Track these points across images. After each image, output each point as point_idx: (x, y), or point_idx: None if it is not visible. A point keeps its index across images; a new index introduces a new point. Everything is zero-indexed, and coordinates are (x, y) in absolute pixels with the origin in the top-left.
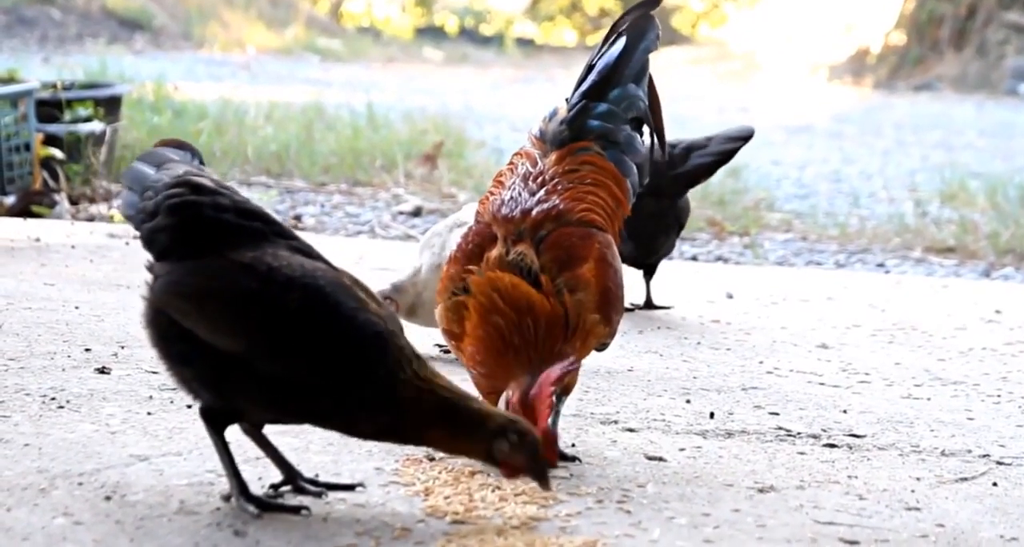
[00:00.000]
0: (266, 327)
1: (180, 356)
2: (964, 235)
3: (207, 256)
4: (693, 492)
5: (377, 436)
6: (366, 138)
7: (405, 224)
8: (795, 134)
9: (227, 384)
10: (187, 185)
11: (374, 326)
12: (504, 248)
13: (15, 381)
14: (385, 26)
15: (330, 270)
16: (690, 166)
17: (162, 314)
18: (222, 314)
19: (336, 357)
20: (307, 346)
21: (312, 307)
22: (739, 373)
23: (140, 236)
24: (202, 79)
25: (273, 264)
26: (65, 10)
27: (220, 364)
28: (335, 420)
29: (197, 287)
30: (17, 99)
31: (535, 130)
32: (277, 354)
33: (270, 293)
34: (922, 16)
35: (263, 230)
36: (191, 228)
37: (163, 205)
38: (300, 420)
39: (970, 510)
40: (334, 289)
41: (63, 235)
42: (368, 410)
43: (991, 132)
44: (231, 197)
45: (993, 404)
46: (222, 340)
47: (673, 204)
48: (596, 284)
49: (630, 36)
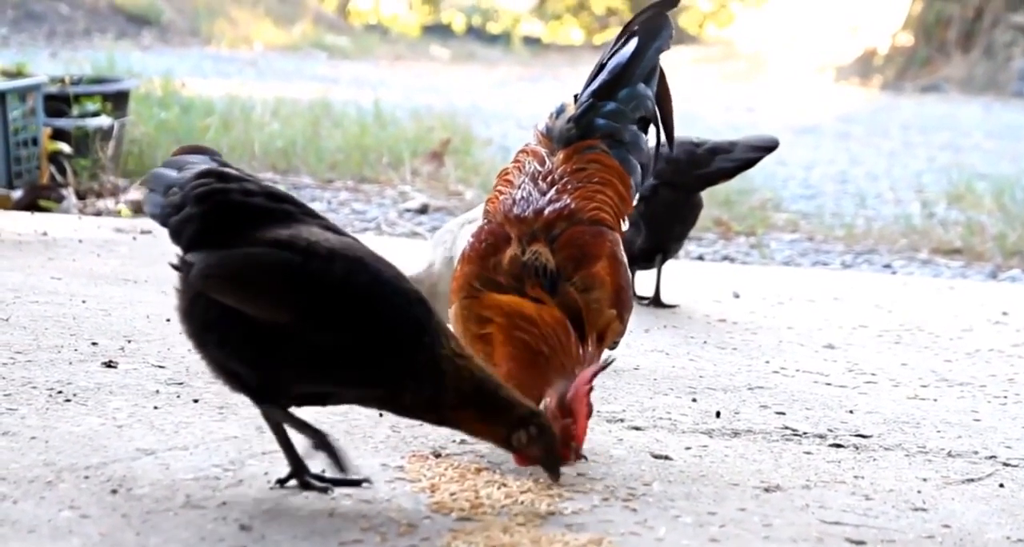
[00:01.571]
0: (313, 297)
1: (221, 340)
2: (971, 236)
3: (241, 240)
4: (699, 491)
5: (414, 409)
6: (373, 135)
7: (411, 221)
8: (802, 135)
9: (273, 360)
10: (213, 174)
11: (416, 294)
12: (519, 248)
13: (22, 374)
14: (392, 24)
15: (363, 245)
16: (713, 168)
17: (201, 299)
18: (268, 288)
19: (383, 323)
20: (354, 314)
21: (356, 276)
22: (745, 372)
23: (168, 230)
24: (209, 75)
25: (311, 238)
26: (73, 5)
27: (265, 341)
28: (381, 390)
29: (239, 264)
30: (25, 93)
31: (541, 126)
32: (325, 324)
33: (314, 264)
34: (929, 17)
35: (293, 211)
36: (221, 214)
37: (190, 195)
38: (344, 391)
39: (976, 511)
40: (373, 260)
41: (70, 229)
42: (414, 379)
43: (998, 134)
44: (257, 183)
45: (1000, 405)
46: (269, 313)
47: (688, 199)
48: (611, 281)
49: (643, 35)
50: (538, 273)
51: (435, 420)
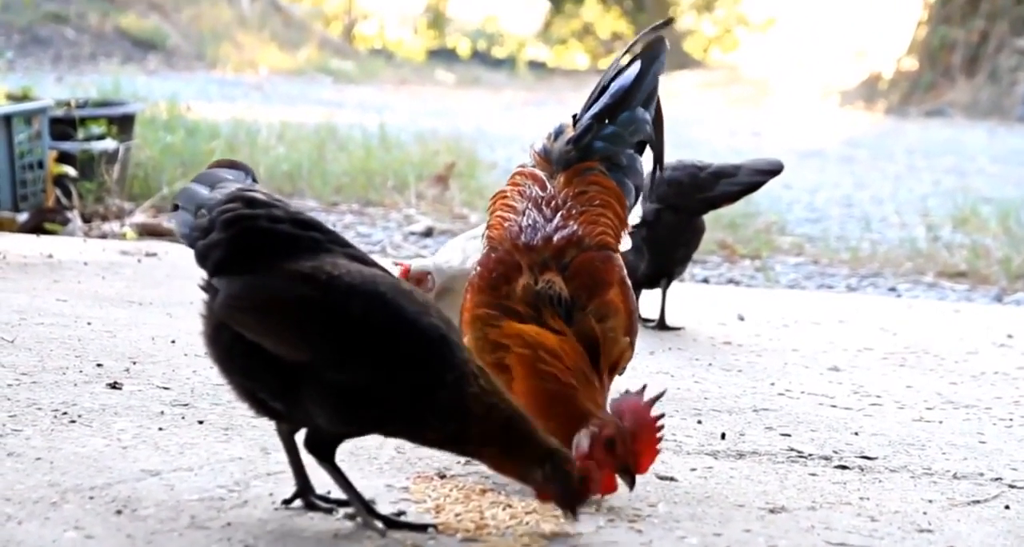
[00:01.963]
0: (331, 335)
1: (245, 370)
2: (976, 260)
3: (265, 268)
4: (704, 512)
5: (442, 445)
6: (378, 159)
7: (416, 244)
8: (807, 158)
9: (295, 395)
10: (241, 199)
11: (437, 330)
12: (532, 277)
13: (27, 395)
14: (398, 48)
15: (388, 276)
16: (717, 192)
17: (225, 329)
18: (286, 325)
19: (402, 362)
20: (372, 353)
21: (375, 313)
22: (750, 394)
23: (194, 253)
24: (215, 99)
25: (333, 272)
26: (79, 30)
27: (287, 376)
28: (403, 427)
29: (259, 299)
30: (31, 117)
31: (539, 146)
32: (343, 362)
33: (333, 301)
34: (934, 42)
35: (319, 239)
36: (247, 240)
37: (218, 220)
38: (369, 428)
39: (982, 533)
40: (395, 295)
41: (76, 252)
42: (437, 417)
43: (1003, 158)
44: (285, 209)
45: (1005, 428)
46: (287, 351)
47: (691, 222)
48: (624, 309)
49: (645, 60)
50: (552, 302)
51: (459, 453)
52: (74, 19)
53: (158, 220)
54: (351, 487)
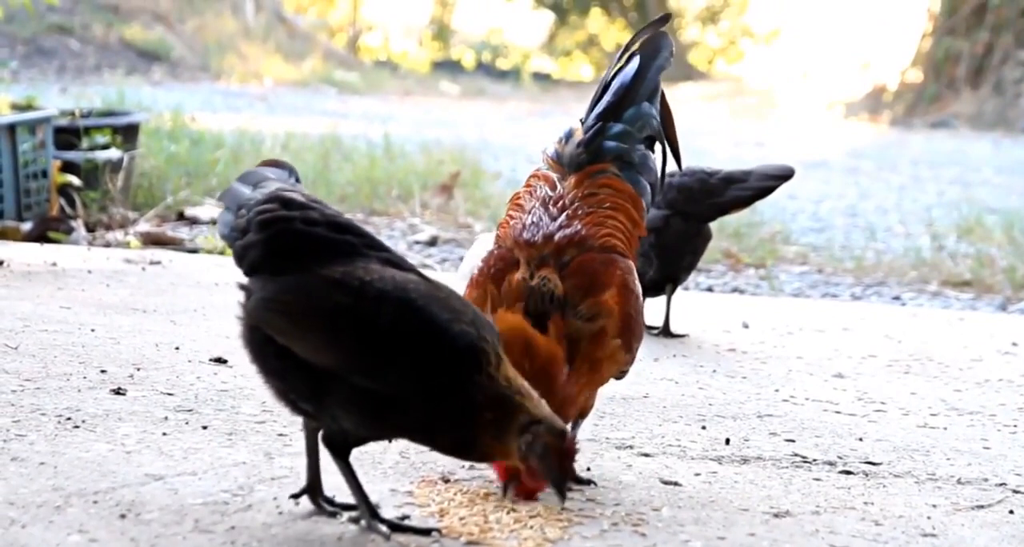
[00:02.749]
0: (358, 343)
1: (278, 371)
2: (981, 269)
3: (298, 271)
4: (708, 516)
5: (457, 451)
6: (382, 168)
7: (421, 253)
8: (811, 169)
9: (324, 398)
10: (278, 200)
11: (467, 338)
12: (527, 272)
13: (31, 401)
14: (402, 60)
15: (423, 282)
16: (727, 197)
17: (257, 330)
18: (315, 331)
19: (429, 371)
20: (399, 361)
21: (404, 321)
22: (755, 401)
23: (233, 253)
24: (219, 110)
25: (365, 278)
26: (84, 41)
27: (317, 379)
28: (429, 435)
29: (290, 304)
30: (35, 126)
31: (550, 151)
32: (370, 369)
33: (362, 308)
34: (939, 54)
35: (355, 243)
36: (282, 243)
37: (254, 221)
38: (395, 434)
39: (986, 537)
40: (426, 302)
41: (80, 260)
42: (459, 424)
43: (1008, 169)
44: (322, 211)
45: (1010, 434)
46: (316, 356)
47: (700, 228)
48: (619, 311)
49: (644, 54)
50: (545, 299)
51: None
52: (78, 30)
53: (162, 229)
54: (360, 489)
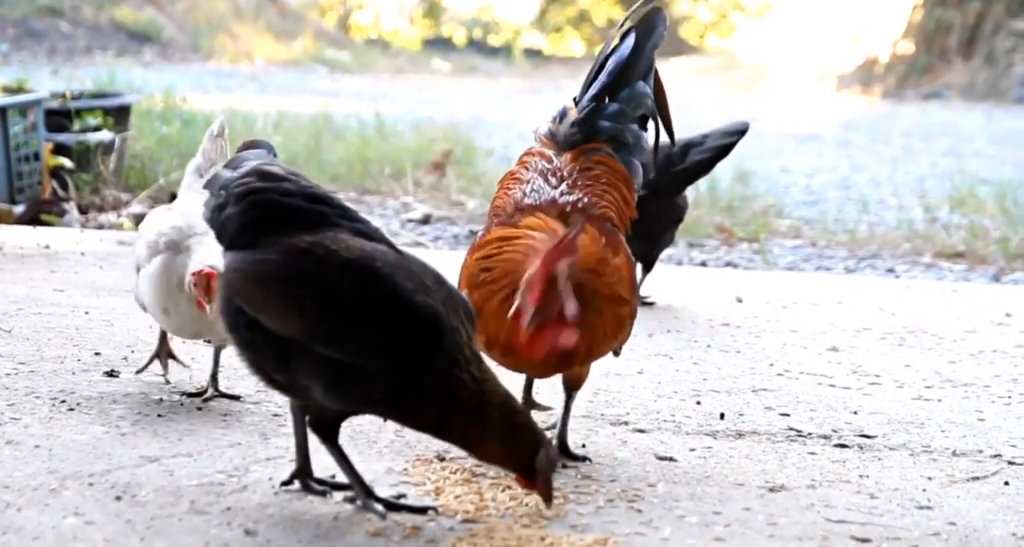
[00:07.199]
0: (320, 310)
1: (249, 343)
2: (974, 240)
3: (268, 242)
4: (704, 491)
5: (426, 429)
6: (375, 147)
7: (414, 232)
8: (804, 142)
9: (294, 370)
10: (256, 173)
11: (430, 310)
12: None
13: (25, 384)
14: (393, 38)
15: (392, 253)
16: (689, 163)
17: (231, 302)
18: (280, 299)
19: (389, 341)
20: (361, 330)
21: (365, 290)
22: (749, 375)
23: (214, 231)
24: (211, 90)
25: (331, 247)
26: (74, 23)
27: (286, 349)
28: (389, 408)
29: (257, 274)
30: (26, 109)
31: (544, 130)
32: (331, 338)
33: (324, 276)
34: (930, 25)
35: (328, 213)
36: (257, 214)
37: (232, 193)
38: (358, 405)
39: (981, 509)
40: (391, 272)
41: (72, 243)
42: (422, 400)
43: (1000, 140)
44: (298, 182)
45: (1004, 405)
46: (281, 325)
47: (673, 203)
48: (628, 277)
49: (640, 32)
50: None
51: (443, 439)
52: (69, 12)
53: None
54: (352, 469)
